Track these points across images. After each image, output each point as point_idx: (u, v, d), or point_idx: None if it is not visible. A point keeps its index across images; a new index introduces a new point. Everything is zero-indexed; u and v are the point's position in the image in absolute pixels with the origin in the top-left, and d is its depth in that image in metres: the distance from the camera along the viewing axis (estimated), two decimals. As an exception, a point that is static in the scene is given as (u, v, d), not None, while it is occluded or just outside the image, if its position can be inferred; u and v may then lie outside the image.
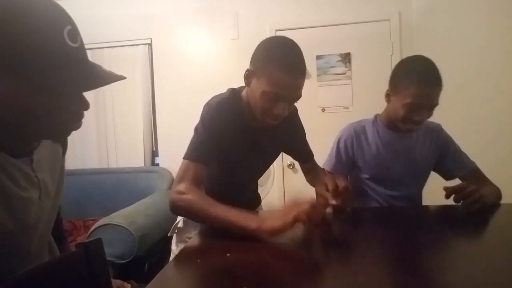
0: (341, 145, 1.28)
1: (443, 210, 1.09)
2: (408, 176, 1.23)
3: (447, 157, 1.24)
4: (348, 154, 1.27)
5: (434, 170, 1.28)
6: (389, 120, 1.22)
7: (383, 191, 1.25)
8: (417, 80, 1.08)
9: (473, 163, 1.22)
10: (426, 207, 1.19)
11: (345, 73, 2.54)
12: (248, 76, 0.95)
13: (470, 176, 1.20)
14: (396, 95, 1.15)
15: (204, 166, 0.94)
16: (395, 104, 1.15)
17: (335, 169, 1.29)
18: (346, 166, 1.29)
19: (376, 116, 1.30)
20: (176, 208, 0.90)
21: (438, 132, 1.26)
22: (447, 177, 1.25)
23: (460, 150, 1.25)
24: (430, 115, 1.12)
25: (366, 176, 1.26)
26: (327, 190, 1.04)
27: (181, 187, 0.89)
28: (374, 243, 0.80)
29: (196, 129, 0.99)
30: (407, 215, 1.07)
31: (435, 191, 1.27)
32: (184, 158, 0.95)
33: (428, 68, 1.10)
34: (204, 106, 1.00)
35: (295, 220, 0.75)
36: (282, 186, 2.63)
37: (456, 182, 1.12)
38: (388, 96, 1.20)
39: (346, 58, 2.53)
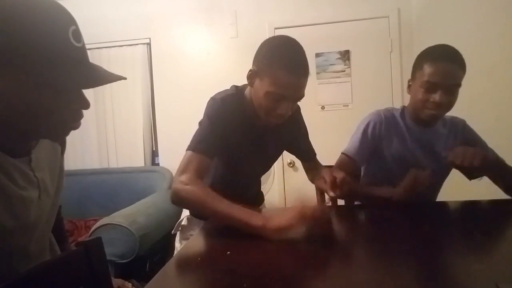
0: (370, 129, 1.21)
1: (457, 206, 1.07)
2: (431, 171, 1.15)
3: None
4: (375, 138, 1.21)
5: (457, 168, 1.21)
6: (413, 112, 1.18)
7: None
8: (432, 58, 1.05)
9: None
10: (440, 203, 1.16)
11: (344, 71, 2.54)
12: (251, 76, 0.95)
13: None
14: (414, 80, 1.13)
15: (208, 159, 0.93)
16: (414, 90, 1.12)
17: (358, 153, 1.22)
18: (369, 151, 1.23)
19: (403, 107, 1.26)
20: (179, 199, 0.88)
21: (462, 128, 1.22)
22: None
23: (487, 146, 1.19)
24: (452, 98, 1.06)
25: (387, 166, 1.22)
26: (325, 183, 1.04)
27: (184, 177, 0.88)
28: (376, 240, 0.80)
29: (200, 123, 0.99)
30: (417, 211, 1.05)
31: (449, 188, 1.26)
32: (188, 149, 0.94)
33: (445, 47, 1.07)
34: (209, 100, 1.00)
35: (300, 216, 0.75)
36: (283, 184, 2.64)
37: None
38: (409, 87, 1.17)
39: (345, 55, 2.53)
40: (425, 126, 1.19)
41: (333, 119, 2.55)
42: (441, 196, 1.30)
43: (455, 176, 1.24)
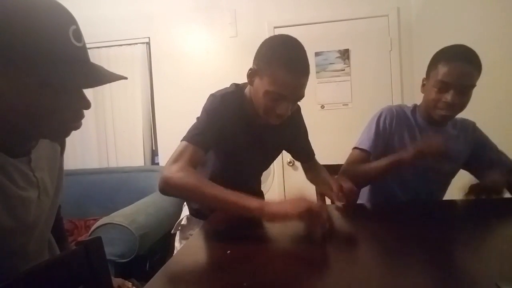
0: (381, 121, 1.20)
1: (459, 205, 1.07)
2: (439, 170, 1.18)
3: (482, 155, 1.19)
4: (388, 130, 1.19)
5: (466, 169, 1.23)
6: (425, 111, 1.18)
7: (408, 182, 1.20)
8: (446, 58, 1.04)
9: None
10: (443, 202, 1.16)
11: (344, 70, 2.53)
12: (251, 75, 0.95)
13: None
14: (428, 79, 1.12)
15: (202, 152, 0.91)
16: (427, 89, 1.12)
17: (373, 145, 1.19)
18: (384, 143, 1.20)
19: (415, 105, 1.25)
20: (169, 186, 0.84)
21: (472, 129, 1.21)
22: (482, 175, 1.16)
23: (497, 148, 1.20)
24: (464, 99, 1.05)
25: None
26: (332, 190, 1.04)
27: (176, 166, 0.85)
28: (378, 239, 0.80)
29: (198, 118, 0.98)
30: (419, 209, 1.05)
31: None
32: (183, 139, 0.92)
33: (461, 48, 1.06)
34: (209, 97, 1.00)
35: (303, 214, 0.74)
36: (282, 183, 2.63)
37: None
38: (423, 85, 1.16)
39: (345, 54, 2.53)
40: (435, 125, 1.19)
41: (333, 118, 2.55)
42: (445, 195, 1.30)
43: (457, 176, 1.25)
